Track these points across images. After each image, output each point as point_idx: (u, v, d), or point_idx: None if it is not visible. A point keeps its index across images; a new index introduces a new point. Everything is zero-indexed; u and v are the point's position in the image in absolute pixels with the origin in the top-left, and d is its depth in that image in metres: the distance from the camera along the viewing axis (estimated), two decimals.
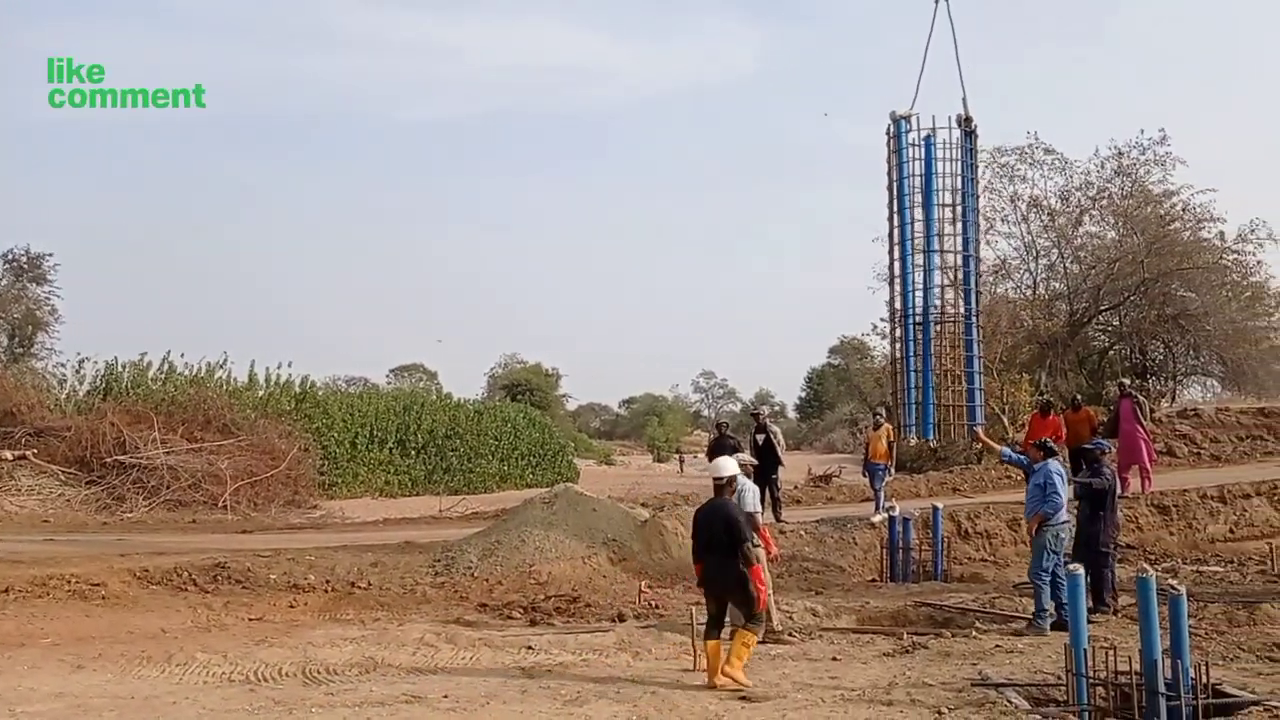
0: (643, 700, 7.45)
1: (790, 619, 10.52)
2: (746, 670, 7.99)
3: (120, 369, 26.68)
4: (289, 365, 30.39)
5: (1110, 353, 33.26)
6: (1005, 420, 25.53)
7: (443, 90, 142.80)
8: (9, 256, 38.10)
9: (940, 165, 14.03)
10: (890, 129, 14.21)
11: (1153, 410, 22.04)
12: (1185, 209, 30.54)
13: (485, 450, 34.85)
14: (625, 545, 13.78)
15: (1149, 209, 30.71)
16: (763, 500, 12.71)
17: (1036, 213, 31.40)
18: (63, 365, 28.94)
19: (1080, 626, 7.39)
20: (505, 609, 11.43)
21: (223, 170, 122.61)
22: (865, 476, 18.16)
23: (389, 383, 64.02)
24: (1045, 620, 10.06)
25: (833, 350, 72.25)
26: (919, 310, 14.14)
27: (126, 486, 21.14)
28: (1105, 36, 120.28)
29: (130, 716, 7.12)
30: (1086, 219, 31.74)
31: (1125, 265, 30.06)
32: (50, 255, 38.47)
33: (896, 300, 14.38)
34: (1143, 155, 30.36)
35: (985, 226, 28.02)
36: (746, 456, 11.31)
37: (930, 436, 14.62)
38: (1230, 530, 17.46)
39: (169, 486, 21.33)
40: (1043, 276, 32.25)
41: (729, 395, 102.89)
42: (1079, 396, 19.08)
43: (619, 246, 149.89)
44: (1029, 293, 32.04)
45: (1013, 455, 12.31)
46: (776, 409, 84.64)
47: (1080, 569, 7.92)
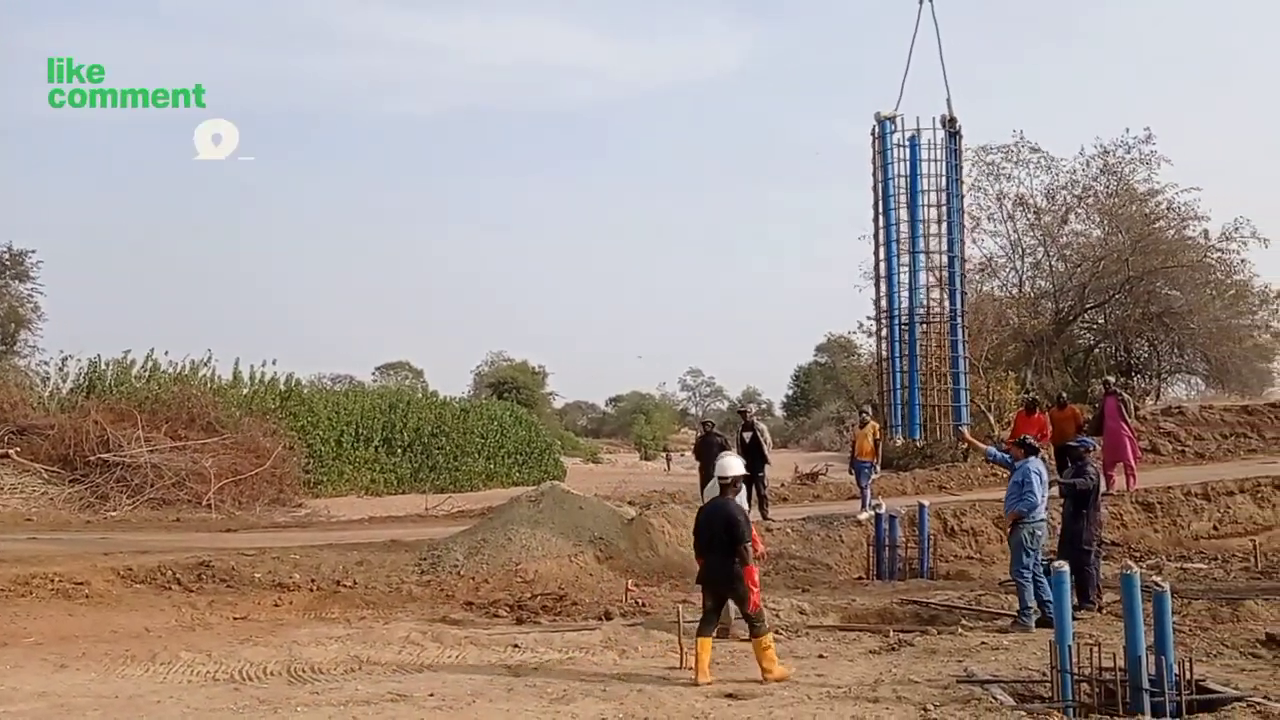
0: (629, 698, 7.45)
1: (777, 617, 10.52)
2: (780, 664, 8.21)
3: (104, 367, 26.53)
4: (273, 363, 30.33)
5: (1095, 351, 33.41)
6: (991, 418, 25.62)
7: (433, 88, 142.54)
8: None
9: (925, 165, 14.09)
10: (875, 130, 14.25)
11: (1137, 408, 22.13)
12: (1170, 208, 30.74)
13: (471, 448, 34.78)
14: (612, 543, 13.77)
15: (1134, 208, 30.85)
16: (749, 498, 12.70)
17: (1022, 211, 31.55)
18: (46, 363, 28.85)
19: (1065, 623, 7.43)
20: (491, 607, 11.41)
21: (211, 168, 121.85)
22: (852, 474, 18.19)
23: (374, 381, 63.79)
24: (1030, 618, 10.08)
25: (820, 348, 72.69)
26: (905, 310, 14.18)
27: (110, 485, 21.03)
28: (1091, 35, 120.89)
29: (114, 716, 7.09)
30: (1072, 217, 31.90)
31: (1110, 264, 30.20)
32: (33, 252, 38.23)
33: (883, 300, 14.43)
34: (1128, 154, 30.56)
35: (971, 225, 28.19)
36: (732, 454, 11.28)
37: (916, 436, 14.67)
38: (1214, 527, 17.53)
39: (153, 485, 21.23)
40: (1029, 275, 32.42)
41: (716, 393, 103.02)
42: (1064, 394, 19.16)
43: (608, 245, 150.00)
44: (1015, 291, 32.17)
45: (997, 454, 12.33)
46: (764, 407, 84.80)
47: (1065, 566, 7.96)
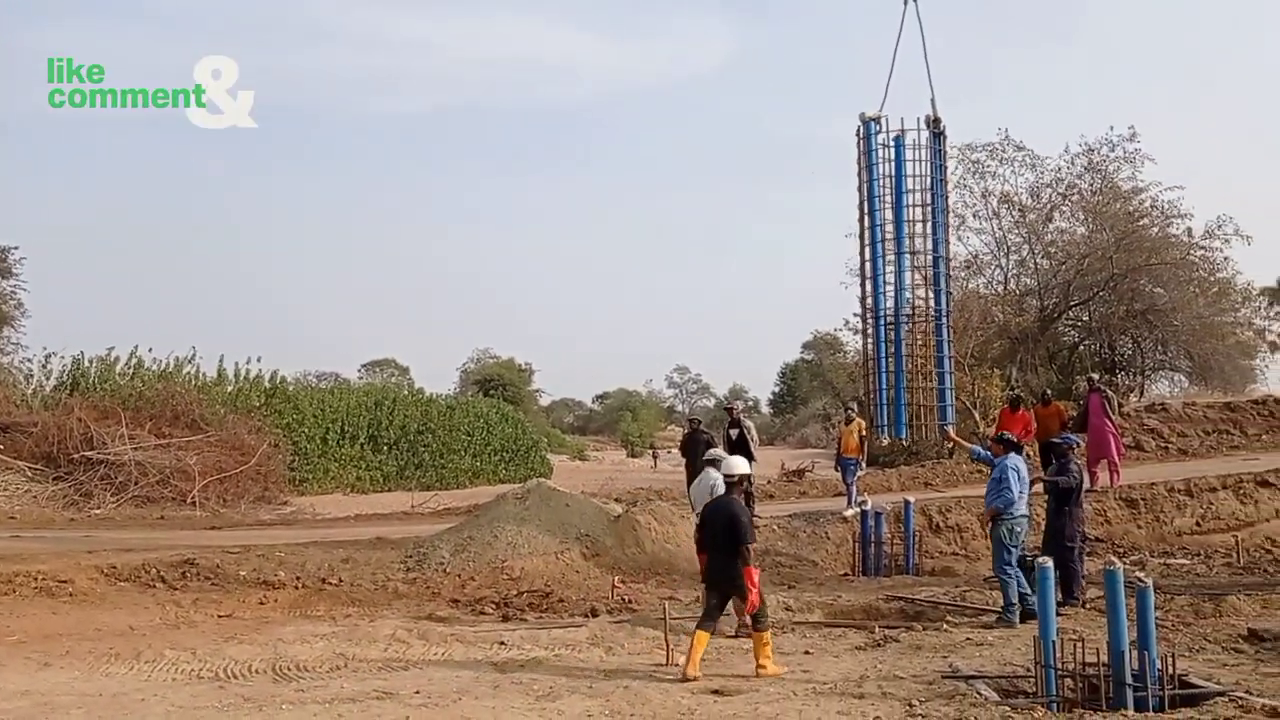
0: (615, 695, 7.45)
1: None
2: (775, 662, 8.28)
3: (87, 364, 26.44)
4: (258, 360, 30.23)
5: (1080, 348, 33.51)
6: (976, 415, 25.71)
7: (420, 85, 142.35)
8: None
9: (910, 166, 14.12)
10: (860, 130, 14.30)
11: (1121, 405, 22.23)
12: (1154, 205, 30.78)
13: (458, 446, 34.73)
14: (598, 541, 13.77)
15: (1118, 205, 30.91)
16: None
17: (1008, 209, 31.56)
18: (29, 360, 28.74)
19: (1049, 619, 7.46)
20: (478, 605, 11.40)
21: (197, 165, 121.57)
22: (837, 471, 18.22)
23: (360, 378, 63.60)
24: (1014, 614, 10.11)
25: (806, 345, 72.75)
26: (890, 311, 14.22)
27: (94, 483, 20.95)
28: (1076, 34, 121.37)
29: (98, 714, 7.05)
30: (1057, 215, 31.92)
31: (1095, 261, 30.27)
32: (15, 249, 37.84)
33: (868, 299, 14.46)
34: (1112, 152, 30.60)
35: (956, 223, 28.26)
36: (723, 453, 11.30)
37: (903, 435, 14.70)
38: (1197, 523, 17.61)
39: (137, 483, 21.16)
40: (1014, 272, 32.47)
41: (703, 390, 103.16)
42: (1049, 391, 19.20)
43: (595, 243, 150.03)
44: (1000, 288, 32.25)
45: (981, 452, 12.35)
46: (750, 404, 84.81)
47: (1049, 562, 8.00)
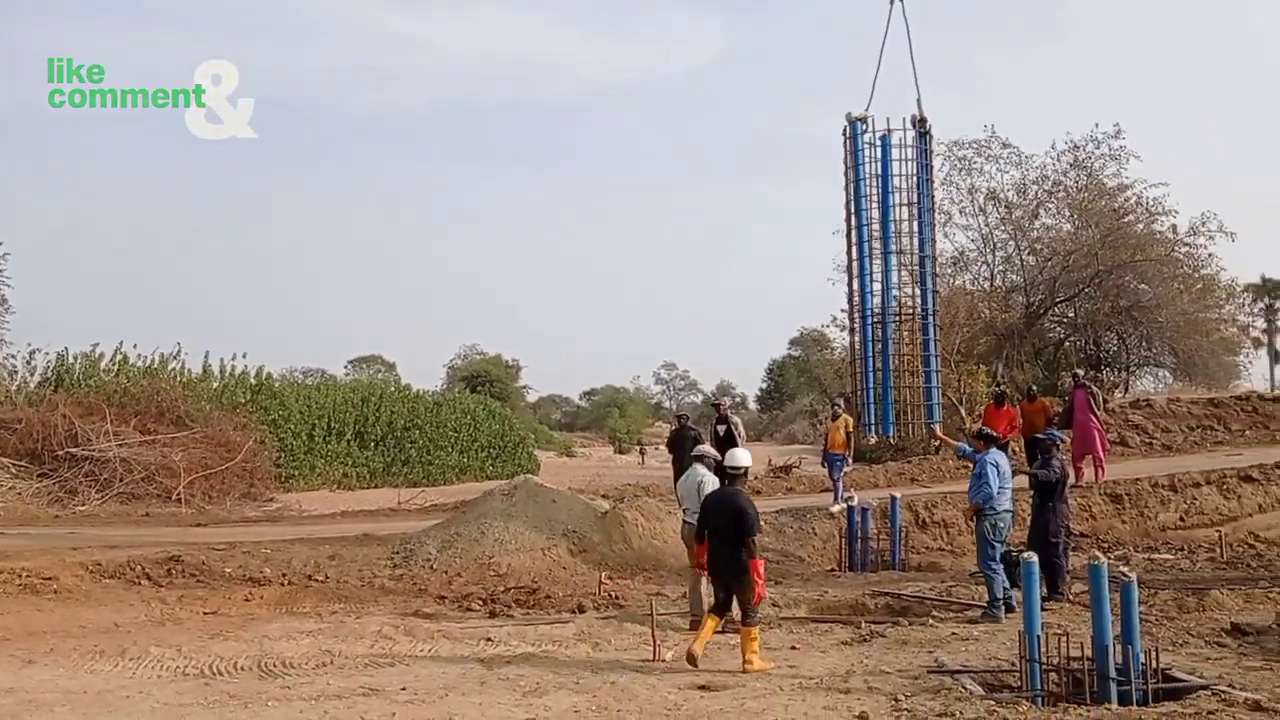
0: (602, 691, 7.45)
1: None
2: (762, 657, 8.28)
3: (72, 360, 26.28)
4: (244, 357, 30.15)
5: (1065, 344, 33.66)
6: (963, 411, 25.78)
7: (409, 81, 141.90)
8: None
9: (896, 165, 14.18)
10: (846, 130, 14.33)
11: (1106, 401, 22.33)
12: (1139, 202, 30.93)
13: (444, 442, 34.63)
14: (585, 537, 13.78)
15: (1103, 202, 31.05)
16: None
17: (994, 205, 31.67)
18: (13, 357, 28.34)
19: (1034, 614, 7.49)
20: (464, 601, 11.40)
21: (183, 160, 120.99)
22: (824, 467, 18.26)
23: (347, 374, 63.49)
24: (999, 609, 10.15)
25: (793, 342, 72.83)
26: (877, 310, 14.27)
27: (78, 479, 20.85)
28: (1061, 31, 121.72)
29: (83, 711, 7.02)
30: (1042, 212, 32.05)
31: (1080, 258, 30.40)
32: None
33: (855, 298, 14.51)
34: (1097, 149, 30.75)
35: (943, 219, 28.35)
36: (711, 449, 11.31)
37: (890, 433, 14.74)
38: (1181, 518, 17.70)
39: (122, 479, 21.08)
40: (1000, 269, 32.58)
41: (690, 387, 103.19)
42: (1034, 387, 19.28)
43: (582, 239, 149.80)
44: (986, 285, 32.37)
45: (967, 449, 12.34)
46: (738, 400, 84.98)
47: (1034, 558, 8.04)
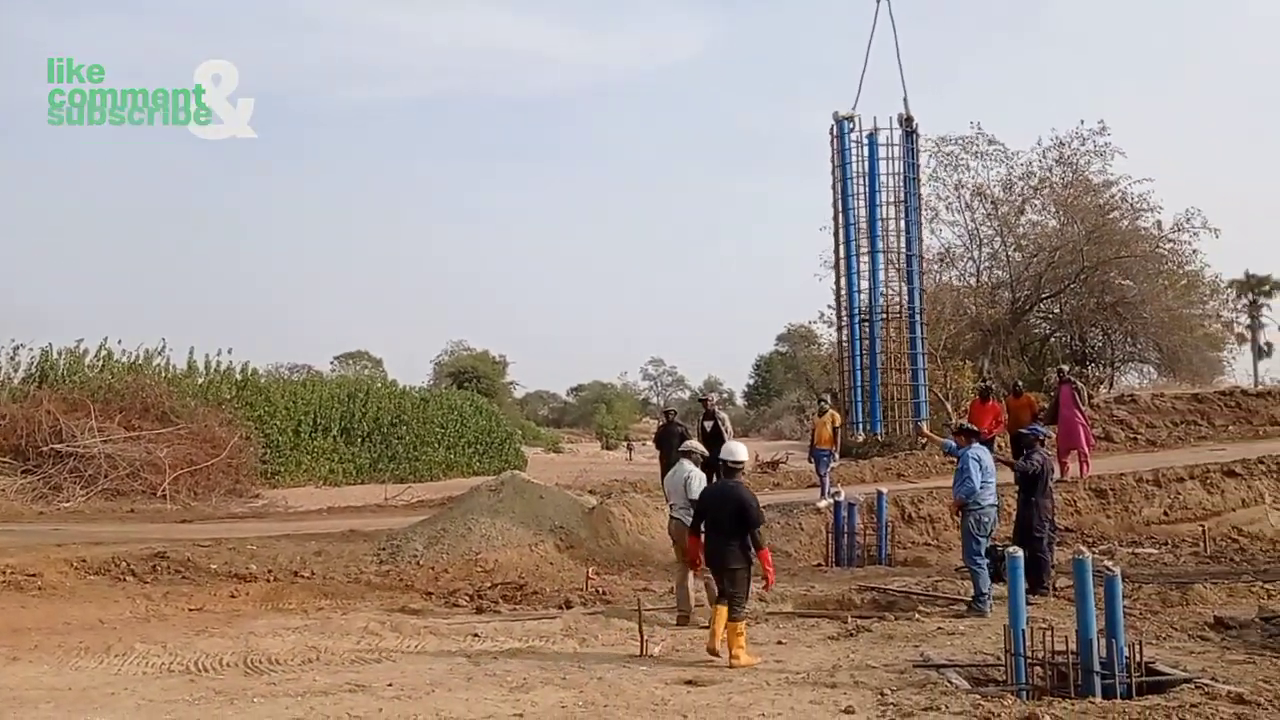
0: (589, 686, 7.45)
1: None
2: (749, 652, 8.32)
3: (56, 356, 26.15)
4: (229, 352, 30.00)
5: (1051, 340, 33.75)
6: (949, 407, 25.84)
7: (394, 75, 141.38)
8: None
9: (883, 164, 14.21)
10: (833, 129, 14.36)
11: (1091, 396, 22.39)
12: (1123, 198, 31.07)
13: (431, 438, 34.59)
14: (572, 532, 13.78)
15: (1089, 199, 31.16)
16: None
17: (980, 201, 31.74)
18: None
19: (1019, 608, 7.52)
20: (451, 597, 11.40)
21: (168, 157, 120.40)
22: (811, 462, 18.29)
23: (333, 370, 63.35)
24: (984, 603, 10.19)
25: (780, 338, 73.00)
26: (865, 308, 14.30)
27: (63, 476, 20.78)
28: (1047, 29, 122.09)
29: (67, 708, 6.98)
30: (1028, 208, 32.14)
31: (1066, 254, 30.51)
32: None
33: (843, 296, 14.55)
34: (1083, 146, 30.85)
35: (930, 215, 28.39)
36: (699, 445, 11.32)
37: (878, 430, 14.78)
38: (1165, 513, 17.77)
39: (107, 475, 21.00)
40: (986, 265, 32.66)
41: (678, 383, 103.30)
42: (1020, 383, 19.34)
43: (569, 234, 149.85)
44: (972, 280, 32.45)
45: (953, 446, 12.38)
46: (725, 396, 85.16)
47: (1019, 552, 8.08)
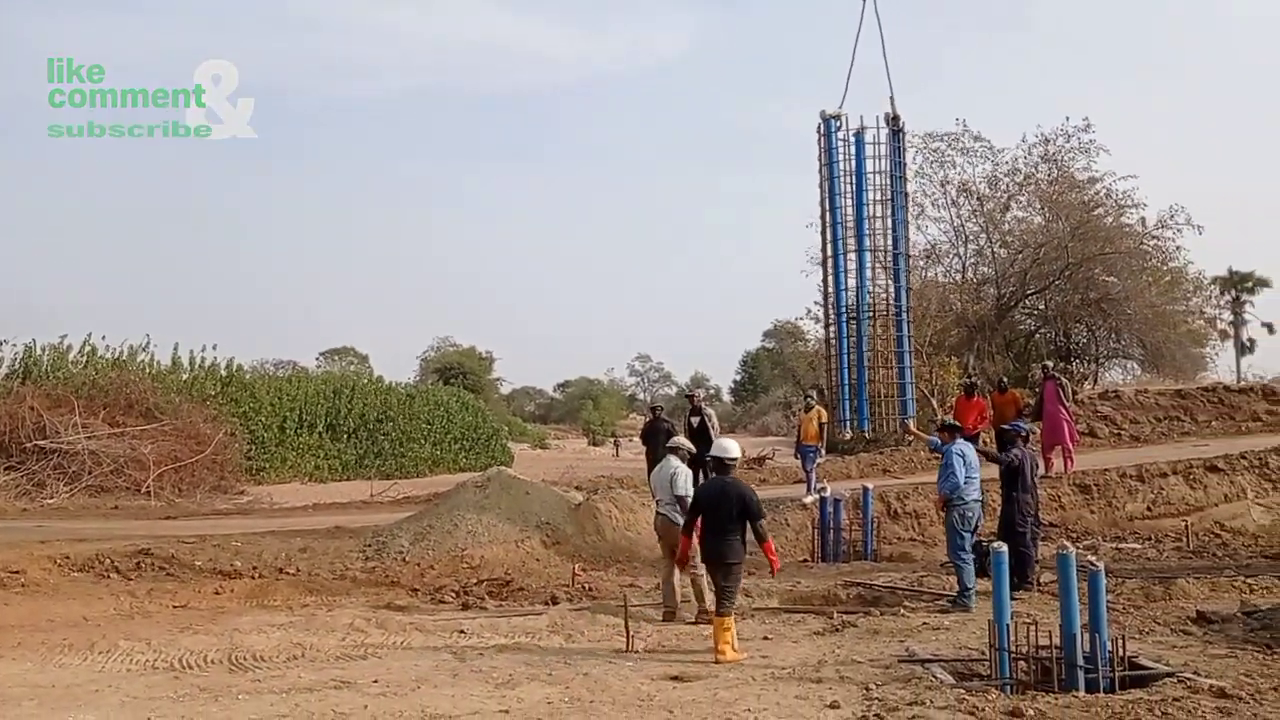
0: (575, 682, 7.46)
1: None
2: (735, 648, 8.33)
3: (39, 352, 25.98)
4: (214, 348, 29.88)
5: (1036, 336, 33.87)
6: (934, 403, 25.92)
7: (380, 70, 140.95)
8: None
9: (870, 163, 14.25)
10: (820, 127, 14.38)
11: (1075, 392, 22.50)
12: (1108, 195, 31.20)
13: (417, 434, 34.54)
14: (559, 528, 13.78)
15: (1073, 195, 31.27)
16: (696, 482, 12.72)
17: (965, 198, 31.85)
18: None
19: (1003, 603, 7.56)
20: (437, 593, 11.38)
21: (153, 152, 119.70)
22: (797, 458, 18.33)
23: (319, 366, 63.17)
24: (969, 598, 10.24)
25: (767, 334, 73.01)
26: (852, 305, 14.34)
27: (47, 472, 20.68)
28: (1030, 26, 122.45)
29: (51, 705, 6.96)
30: (1013, 205, 32.24)
31: (1050, 250, 30.63)
32: None
33: (830, 294, 14.59)
34: (1067, 142, 30.97)
35: (916, 211, 28.45)
36: (686, 441, 11.33)
37: (866, 428, 14.83)
38: (1148, 508, 17.85)
39: (90, 472, 20.90)
40: (971, 261, 32.76)
41: (665, 379, 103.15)
42: (1005, 379, 19.42)
43: (556, 230, 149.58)
44: (958, 277, 32.55)
45: (938, 443, 12.39)
46: (712, 392, 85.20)
47: (1004, 548, 8.12)
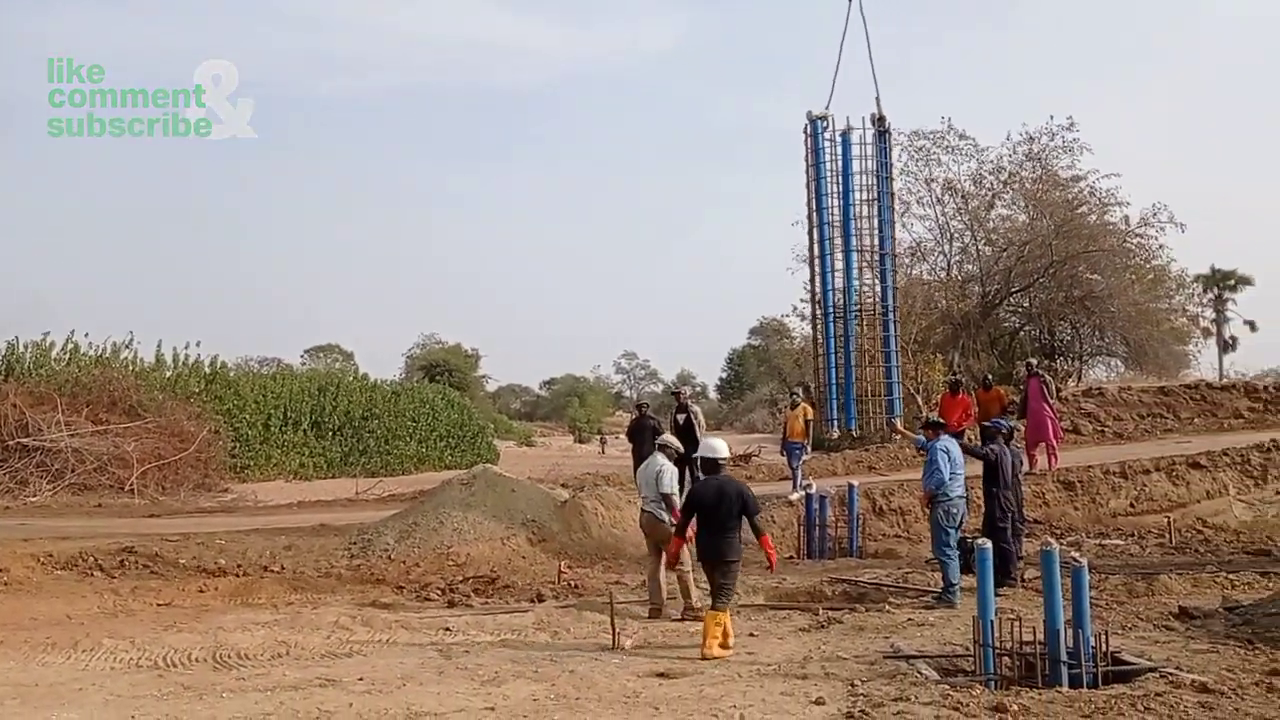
0: (561, 679, 7.46)
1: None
2: (720, 644, 8.31)
3: (22, 349, 25.81)
4: (197, 345, 29.77)
5: (1020, 334, 34.05)
6: (920, 400, 26.02)
7: (366, 67, 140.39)
8: None
9: (856, 164, 14.30)
10: (807, 128, 14.42)
11: (1059, 389, 22.62)
12: (1091, 193, 31.42)
13: (403, 432, 34.42)
14: (545, 526, 13.77)
15: (1057, 193, 31.46)
16: (682, 480, 12.75)
17: (951, 196, 32.00)
18: None
19: (987, 599, 7.60)
20: (423, 591, 11.35)
21: (139, 149, 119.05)
22: (783, 455, 18.36)
23: (303, 363, 62.83)
24: (954, 594, 10.28)
25: (753, 331, 73.15)
26: (839, 306, 14.38)
27: (30, 470, 20.55)
28: (1016, 24, 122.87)
29: (34, 704, 6.92)
30: (998, 203, 32.42)
31: (1035, 248, 30.79)
32: None
33: (817, 295, 14.62)
34: (1052, 141, 31.15)
35: (901, 209, 28.54)
36: (675, 440, 11.34)
37: (853, 426, 14.87)
38: (1131, 505, 17.96)
39: (74, 470, 20.77)
40: (956, 259, 32.93)
41: (651, 376, 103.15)
42: (989, 376, 19.50)
43: (542, 227, 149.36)
44: (943, 275, 32.70)
45: (924, 441, 12.44)
46: (698, 389, 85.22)
47: (988, 544, 8.16)
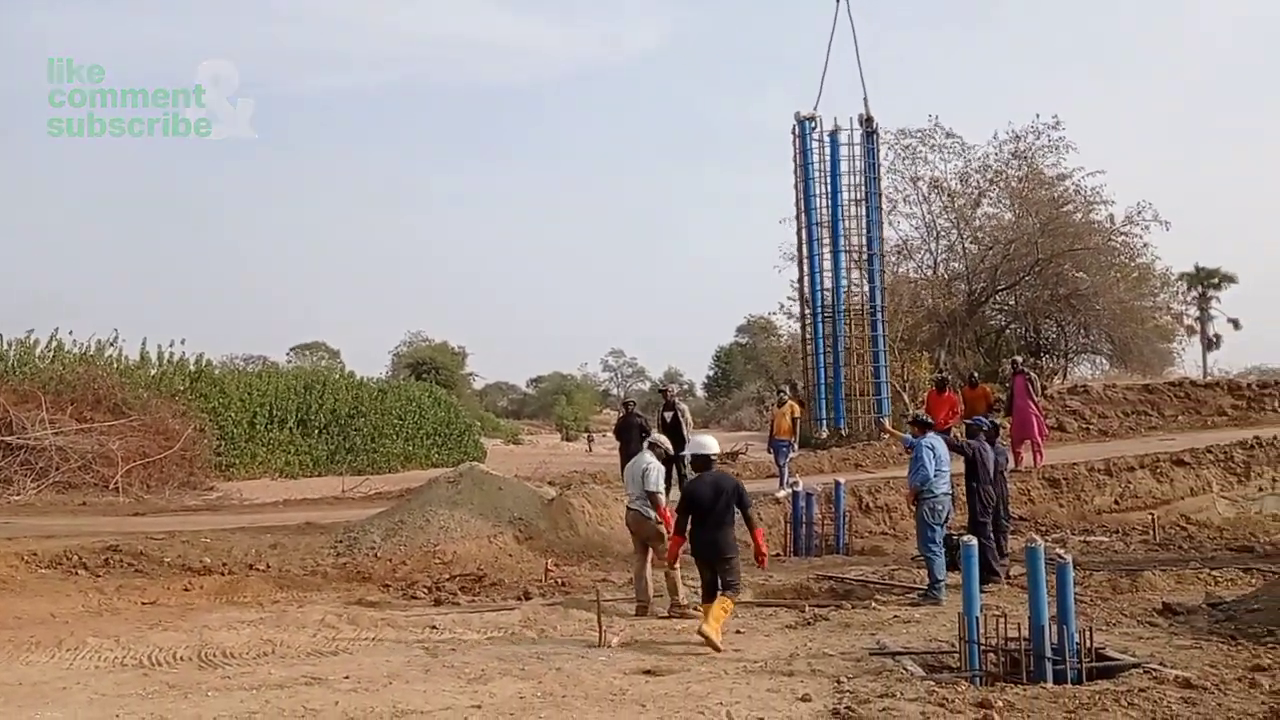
0: (548, 677, 7.45)
1: (695, 594, 10.62)
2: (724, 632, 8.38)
3: (6, 347, 25.70)
4: (182, 343, 29.71)
5: (1006, 331, 34.17)
6: (906, 398, 26.09)
7: (353, 62, 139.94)
8: None
9: (844, 164, 14.34)
10: (795, 129, 14.44)
11: (1044, 387, 22.70)
12: (1077, 191, 31.54)
13: (389, 430, 34.35)
14: (532, 524, 13.75)
15: (1043, 191, 31.57)
16: (669, 478, 12.76)
17: (937, 194, 32.08)
18: None
19: (973, 596, 7.63)
20: (409, 589, 11.32)
21: (128, 146, 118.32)
22: (770, 453, 18.38)
23: (289, 361, 62.64)
24: (940, 591, 10.32)
25: (740, 329, 73.17)
26: (828, 306, 14.41)
27: (13, 468, 20.41)
28: (1002, 23, 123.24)
29: (18, 703, 6.88)
30: (984, 201, 32.53)
31: (1021, 246, 30.91)
32: None
33: (806, 295, 14.66)
34: (1038, 140, 31.26)
35: (888, 207, 28.62)
36: (665, 439, 11.35)
37: (842, 426, 14.91)
38: (1115, 502, 18.06)
39: (58, 468, 20.65)
40: (943, 257, 33.02)
41: (638, 374, 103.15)
42: (976, 374, 19.57)
43: (530, 225, 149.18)
44: (929, 273, 32.79)
45: (911, 439, 12.48)
46: (685, 387, 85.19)
47: (974, 541, 8.19)
